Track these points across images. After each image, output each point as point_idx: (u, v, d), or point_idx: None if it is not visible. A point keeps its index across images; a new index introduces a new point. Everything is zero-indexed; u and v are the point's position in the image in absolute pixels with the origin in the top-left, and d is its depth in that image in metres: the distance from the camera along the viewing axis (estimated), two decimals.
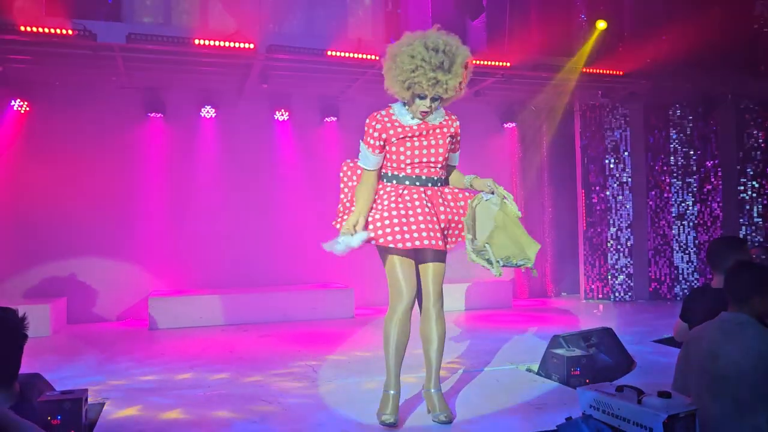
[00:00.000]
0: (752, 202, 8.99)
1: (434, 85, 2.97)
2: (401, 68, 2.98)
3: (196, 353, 5.49)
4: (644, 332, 6.24)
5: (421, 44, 2.97)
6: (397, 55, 3.01)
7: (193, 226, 7.75)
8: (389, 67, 3.06)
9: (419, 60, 2.94)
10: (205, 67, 6.98)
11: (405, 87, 3.02)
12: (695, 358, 2.82)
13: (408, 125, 3.13)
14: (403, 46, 3.02)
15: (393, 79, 3.04)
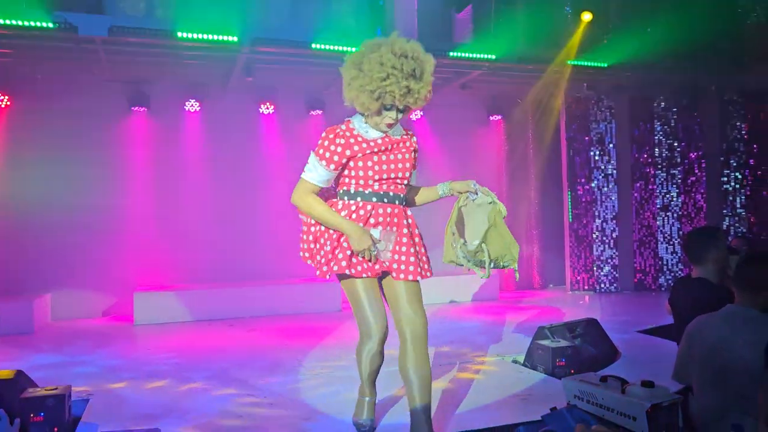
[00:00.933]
0: (735, 193, 9.09)
1: (406, 95, 2.71)
2: (370, 77, 2.68)
3: (182, 348, 5.47)
4: (629, 323, 6.30)
5: (388, 50, 2.69)
6: (363, 63, 2.71)
7: (178, 221, 7.70)
8: (353, 76, 2.74)
9: (389, 68, 2.66)
10: (189, 60, 6.92)
11: (374, 97, 2.70)
12: (699, 350, 2.81)
13: (371, 139, 2.83)
14: (367, 54, 2.72)
15: (359, 89, 2.72)
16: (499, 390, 3.86)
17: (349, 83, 2.77)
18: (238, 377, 4.35)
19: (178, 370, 4.65)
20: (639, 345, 5.28)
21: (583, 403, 3.30)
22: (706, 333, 2.80)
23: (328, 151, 2.81)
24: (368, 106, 2.75)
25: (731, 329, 2.68)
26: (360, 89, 2.72)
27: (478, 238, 2.94)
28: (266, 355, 5.08)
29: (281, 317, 6.97)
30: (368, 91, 2.70)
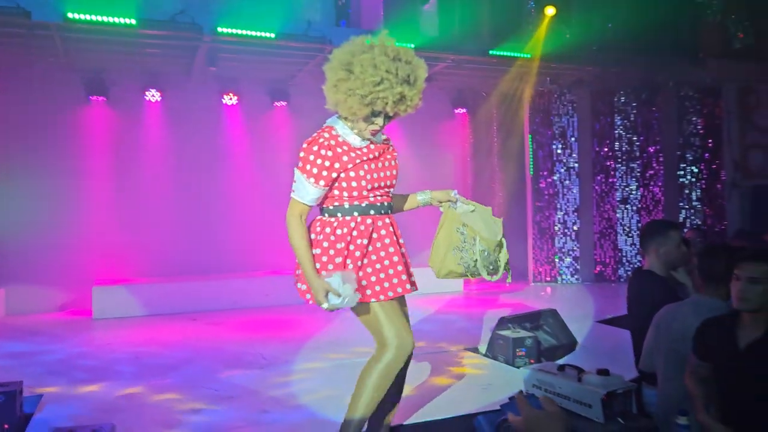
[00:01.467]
0: (691, 187, 9.33)
1: (398, 102, 2.47)
2: (362, 80, 2.41)
3: (142, 343, 5.38)
4: (588, 313, 6.43)
5: (381, 52, 2.45)
6: (353, 64, 2.44)
7: (139, 213, 7.55)
8: (341, 77, 2.46)
9: (384, 71, 2.42)
10: (150, 48, 6.76)
11: (365, 103, 2.44)
12: (665, 339, 2.87)
13: (358, 147, 2.57)
14: (357, 54, 2.47)
15: (347, 92, 2.45)
16: (460, 380, 3.90)
17: (336, 85, 2.49)
18: (198, 371, 4.30)
19: (137, 364, 4.57)
20: (597, 335, 5.40)
21: (542, 392, 3.36)
22: (673, 322, 2.86)
23: (315, 166, 2.50)
24: (356, 111, 2.48)
25: (697, 318, 2.76)
26: (349, 93, 2.45)
27: (499, 234, 2.76)
28: (228, 349, 5.03)
29: (246, 310, 6.91)
30: (359, 95, 2.44)
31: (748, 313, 2.43)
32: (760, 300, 2.36)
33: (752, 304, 2.37)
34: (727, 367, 2.49)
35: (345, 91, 2.46)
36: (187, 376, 4.18)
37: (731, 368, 2.48)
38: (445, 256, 2.78)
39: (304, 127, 8.62)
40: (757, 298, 2.36)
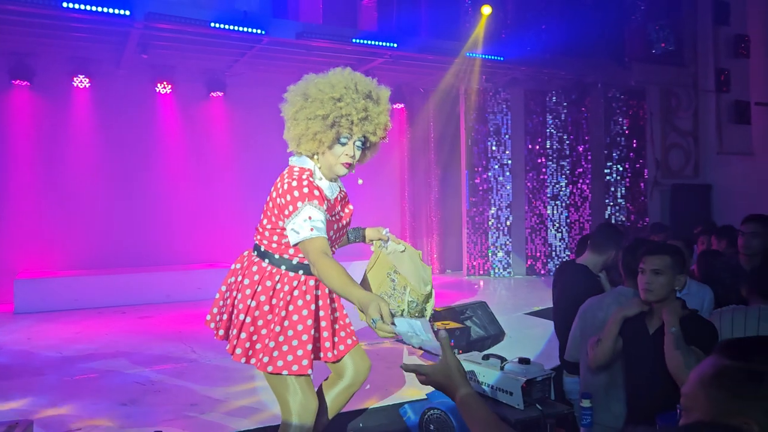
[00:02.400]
0: (617, 185, 9.77)
1: (364, 120, 2.21)
2: (320, 100, 2.17)
3: (67, 337, 5.21)
4: (518, 305, 6.66)
5: (337, 73, 2.26)
6: (309, 89, 2.22)
7: (66, 203, 7.28)
8: (299, 107, 2.22)
9: (342, 88, 2.19)
10: (77, 32, 6.51)
11: (328, 124, 2.17)
12: (590, 329, 3.00)
13: (329, 198, 2.27)
14: (312, 80, 2.26)
15: (307, 119, 2.19)
16: (389, 370, 3.98)
17: (295, 117, 2.23)
18: (124, 365, 4.22)
19: (60, 359, 4.43)
20: (524, 325, 5.60)
21: None
22: (598, 312, 3.00)
23: (311, 188, 2.14)
24: (321, 139, 2.19)
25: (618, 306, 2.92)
26: (309, 118, 2.19)
27: (429, 285, 2.56)
28: (157, 343, 4.94)
29: (178, 304, 6.78)
30: (320, 117, 2.18)
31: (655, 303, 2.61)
32: (662, 291, 2.53)
33: (655, 295, 2.55)
34: (636, 351, 2.68)
35: (305, 119, 2.20)
36: (114, 370, 4.09)
37: (640, 351, 2.67)
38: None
39: (241, 117, 8.60)
40: (659, 289, 2.53)
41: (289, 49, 7.27)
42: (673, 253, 2.57)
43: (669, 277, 2.53)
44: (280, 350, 2.23)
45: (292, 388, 2.27)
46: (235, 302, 2.30)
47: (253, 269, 2.29)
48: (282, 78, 3.20)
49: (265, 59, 7.60)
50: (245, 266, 2.33)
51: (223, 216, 8.10)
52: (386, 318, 1.74)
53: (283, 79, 3.19)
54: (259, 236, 2.30)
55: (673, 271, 2.54)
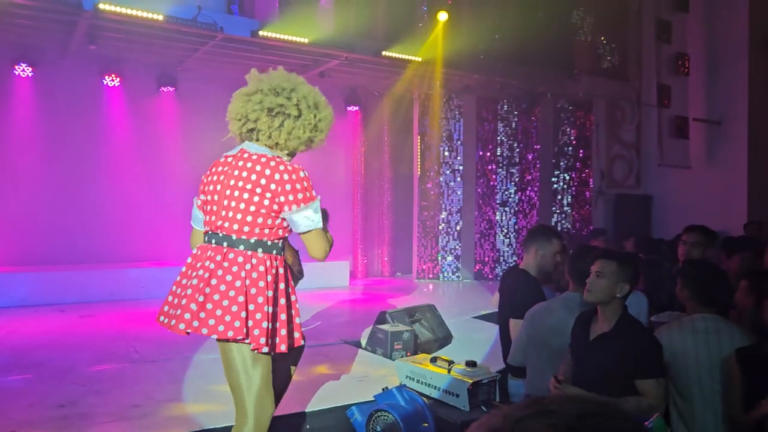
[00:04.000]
0: (563, 193, 10.05)
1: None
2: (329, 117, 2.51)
3: (1, 336, 4.99)
4: (465, 309, 6.76)
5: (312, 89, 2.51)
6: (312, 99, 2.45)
7: (3, 197, 6.97)
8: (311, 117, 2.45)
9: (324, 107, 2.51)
10: (20, 19, 6.26)
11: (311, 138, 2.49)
12: (539, 333, 3.06)
13: None
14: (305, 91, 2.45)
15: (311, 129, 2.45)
16: (338, 372, 3.98)
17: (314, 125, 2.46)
18: (62, 365, 4.07)
19: None
20: (471, 329, 5.69)
21: (414, 383, 3.52)
22: (547, 318, 3.07)
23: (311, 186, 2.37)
24: (307, 146, 2.52)
25: (569, 312, 3.00)
26: (322, 131, 2.50)
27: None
28: (99, 343, 4.80)
29: (122, 302, 6.59)
30: (326, 133, 2.53)
31: (600, 307, 2.70)
32: (603, 293, 2.63)
33: (596, 296, 2.65)
34: (579, 355, 2.77)
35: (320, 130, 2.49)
36: (51, 371, 3.94)
37: (581, 356, 2.76)
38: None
39: (191, 113, 8.42)
40: (600, 291, 2.63)
41: (244, 47, 7.18)
42: (622, 261, 2.65)
43: (611, 281, 2.62)
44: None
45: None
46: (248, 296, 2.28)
47: (253, 262, 2.31)
48: (235, 75, 3.18)
49: (219, 56, 7.48)
50: (219, 262, 2.30)
51: (170, 213, 7.90)
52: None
53: (237, 76, 3.16)
54: (246, 227, 2.31)
55: (616, 277, 2.62)
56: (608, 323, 2.67)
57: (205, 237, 2.45)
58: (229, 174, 2.36)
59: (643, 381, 2.52)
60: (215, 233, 2.37)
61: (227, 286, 2.26)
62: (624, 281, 2.61)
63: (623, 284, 2.61)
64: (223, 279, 2.27)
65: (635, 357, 2.52)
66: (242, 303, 2.25)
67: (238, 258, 2.30)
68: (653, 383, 2.51)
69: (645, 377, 2.52)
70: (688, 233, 4.14)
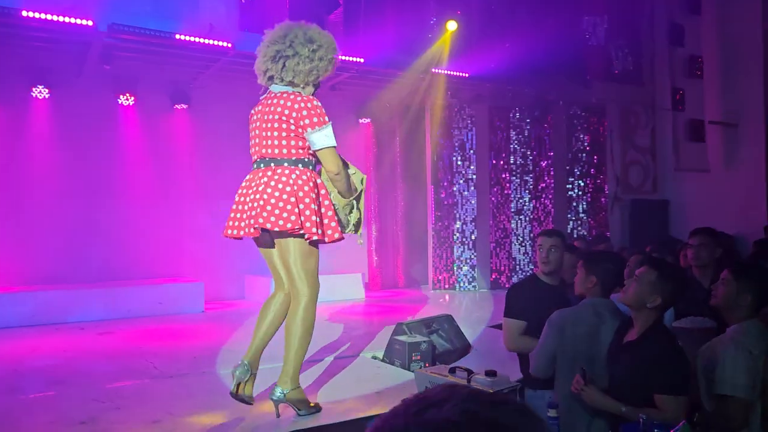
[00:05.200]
0: (578, 200, 9.98)
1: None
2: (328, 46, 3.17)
3: (23, 355, 5.03)
4: (482, 319, 6.71)
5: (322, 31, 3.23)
6: (312, 35, 3.12)
7: (24, 217, 7.07)
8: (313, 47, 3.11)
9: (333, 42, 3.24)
10: (37, 42, 6.39)
11: (331, 64, 3.20)
12: (570, 342, 2.97)
13: None
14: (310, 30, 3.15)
15: (319, 58, 3.12)
16: (356, 385, 3.95)
17: (310, 57, 3.08)
18: (83, 382, 4.09)
19: (15, 377, 4.28)
20: (489, 339, 5.64)
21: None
22: (577, 325, 3.00)
23: (324, 112, 3.05)
24: (320, 74, 3.17)
25: (599, 319, 2.96)
26: (322, 59, 3.12)
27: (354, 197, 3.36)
28: (118, 359, 4.81)
29: (139, 319, 6.61)
30: (328, 59, 3.16)
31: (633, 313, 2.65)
32: (632, 298, 2.60)
33: (626, 298, 2.63)
34: (610, 359, 2.75)
35: (318, 59, 3.11)
36: (72, 388, 3.96)
37: (610, 360, 2.74)
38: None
39: (206, 130, 8.50)
40: (631, 295, 2.61)
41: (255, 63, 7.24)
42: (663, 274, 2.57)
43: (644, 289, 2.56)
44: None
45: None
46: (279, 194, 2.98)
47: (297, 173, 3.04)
48: (247, 91, 3.28)
49: (231, 72, 7.55)
50: (270, 176, 3.02)
51: (186, 230, 7.98)
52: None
53: (249, 92, 3.22)
54: (284, 149, 3.03)
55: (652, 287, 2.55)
56: (637, 331, 2.63)
57: (254, 165, 3.16)
58: (264, 111, 3.12)
59: (659, 395, 2.44)
60: (263, 158, 3.10)
61: (280, 192, 2.95)
62: (657, 293, 2.54)
63: (656, 296, 2.54)
64: (275, 187, 2.96)
65: (654, 369, 2.46)
66: (294, 203, 2.94)
67: (285, 171, 3.00)
68: (670, 399, 2.42)
69: (661, 392, 2.43)
70: (694, 236, 4.09)
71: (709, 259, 4.02)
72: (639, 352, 2.53)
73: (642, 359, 2.50)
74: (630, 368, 2.56)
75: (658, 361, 2.46)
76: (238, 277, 8.21)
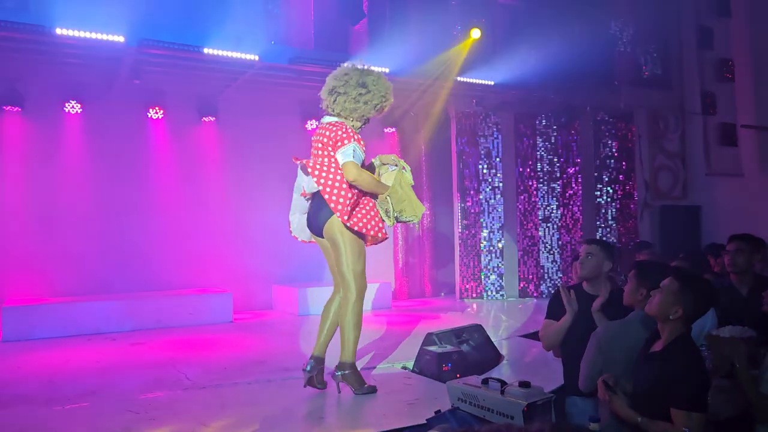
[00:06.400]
0: (607, 206, 9.84)
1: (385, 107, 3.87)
2: (376, 93, 3.74)
3: (57, 365, 5.11)
4: (512, 328, 6.63)
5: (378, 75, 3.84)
6: (366, 80, 3.72)
7: (56, 230, 7.21)
8: (360, 92, 3.69)
9: (387, 90, 3.82)
10: (70, 58, 6.53)
11: (376, 109, 3.79)
12: (618, 355, 2.93)
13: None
14: (365, 76, 3.74)
15: (364, 102, 3.71)
16: (387, 396, 3.93)
17: (356, 98, 3.68)
18: (117, 393, 4.14)
19: (50, 388, 4.34)
20: (520, 348, 5.57)
21: (466, 405, 3.44)
22: (624, 338, 2.95)
23: (354, 135, 3.67)
24: (364, 114, 3.77)
25: (647, 330, 2.91)
26: (365, 103, 3.70)
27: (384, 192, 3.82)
28: (150, 370, 4.86)
29: (169, 330, 6.68)
30: (373, 104, 3.74)
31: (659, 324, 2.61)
32: (656, 308, 2.60)
33: (650, 309, 2.62)
34: (635, 367, 2.71)
35: (363, 103, 3.71)
36: (106, 399, 4.00)
37: (636, 369, 2.70)
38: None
39: (233, 142, 8.59)
40: (654, 305, 2.61)
41: (282, 74, 7.31)
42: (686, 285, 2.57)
43: (666, 300, 2.56)
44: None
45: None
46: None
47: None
48: (274, 102, 3.32)
49: (258, 84, 7.63)
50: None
51: (215, 241, 8.05)
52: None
53: (276, 103, 3.32)
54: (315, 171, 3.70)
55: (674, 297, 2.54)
56: (662, 342, 2.59)
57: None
58: (315, 138, 3.84)
59: (675, 410, 2.40)
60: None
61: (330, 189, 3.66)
62: (679, 304, 2.51)
63: (677, 307, 2.51)
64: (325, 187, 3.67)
65: (672, 382, 2.42)
66: (344, 195, 3.64)
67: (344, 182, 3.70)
68: (682, 415, 2.38)
69: (677, 407, 2.40)
70: (730, 242, 4.02)
71: (746, 266, 3.93)
72: (661, 364, 2.52)
73: (663, 371, 2.48)
74: (651, 379, 2.54)
75: (677, 374, 2.43)
76: (266, 287, 8.25)
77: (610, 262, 3.42)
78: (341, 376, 3.83)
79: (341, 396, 3.91)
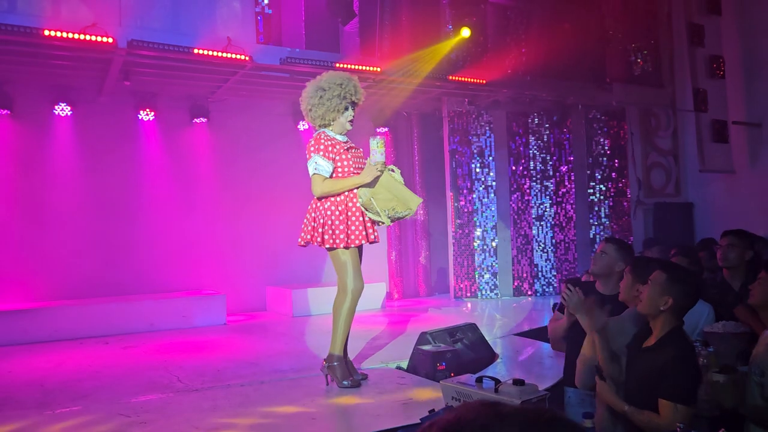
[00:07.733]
0: (600, 204, 9.85)
1: (354, 94, 4.02)
2: (332, 86, 3.94)
3: (48, 370, 5.06)
4: (507, 326, 6.62)
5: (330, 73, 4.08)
6: (321, 84, 3.99)
7: (46, 233, 7.15)
8: (320, 94, 3.95)
9: (340, 79, 3.99)
10: (58, 60, 6.46)
11: (340, 99, 3.94)
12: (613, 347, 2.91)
13: (342, 141, 4.05)
14: (320, 80, 4.02)
15: (328, 99, 3.94)
16: (381, 396, 3.91)
17: (320, 102, 3.94)
18: (109, 397, 4.10)
19: (41, 392, 4.30)
20: (515, 347, 5.56)
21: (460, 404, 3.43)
22: (620, 335, 2.93)
23: (321, 146, 3.90)
24: (338, 110, 3.95)
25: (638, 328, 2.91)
26: (330, 99, 3.92)
27: (368, 195, 3.96)
28: (142, 373, 4.82)
29: (162, 333, 6.64)
30: (336, 95, 3.92)
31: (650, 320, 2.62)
32: (647, 304, 2.62)
33: (642, 306, 2.63)
34: (627, 362, 2.73)
35: (327, 100, 3.93)
36: (98, 402, 3.97)
37: (628, 364, 2.71)
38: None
39: (224, 143, 8.56)
40: (645, 302, 2.63)
41: (273, 75, 7.28)
42: (672, 274, 2.59)
43: (655, 293, 2.58)
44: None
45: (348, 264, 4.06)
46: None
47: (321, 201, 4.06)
48: (265, 103, 3.29)
49: (249, 85, 7.60)
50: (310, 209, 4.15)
51: (207, 243, 8.02)
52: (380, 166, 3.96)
53: (267, 104, 3.28)
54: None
55: (662, 288, 2.57)
56: (654, 337, 2.61)
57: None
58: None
59: (662, 400, 2.42)
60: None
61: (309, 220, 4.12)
62: (667, 294, 2.53)
63: (666, 297, 2.53)
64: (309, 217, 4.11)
65: (662, 374, 2.44)
66: (315, 226, 4.02)
67: (313, 204, 4.08)
68: (670, 406, 2.39)
69: (663, 397, 2.42)
70: (723, 237, 4.05)
71: (738, 261, 3.95)
72: (653, 357, 2.54)
73: (655, 362, 2.50)
74: (643, 372, 2.56)
75: (668, 365, 2.45)
76: (259, 289, 8.22)
77: (623, 263, 3.38)
78: (328, 368, 4.02)
79: (335, 396, 3.89)
